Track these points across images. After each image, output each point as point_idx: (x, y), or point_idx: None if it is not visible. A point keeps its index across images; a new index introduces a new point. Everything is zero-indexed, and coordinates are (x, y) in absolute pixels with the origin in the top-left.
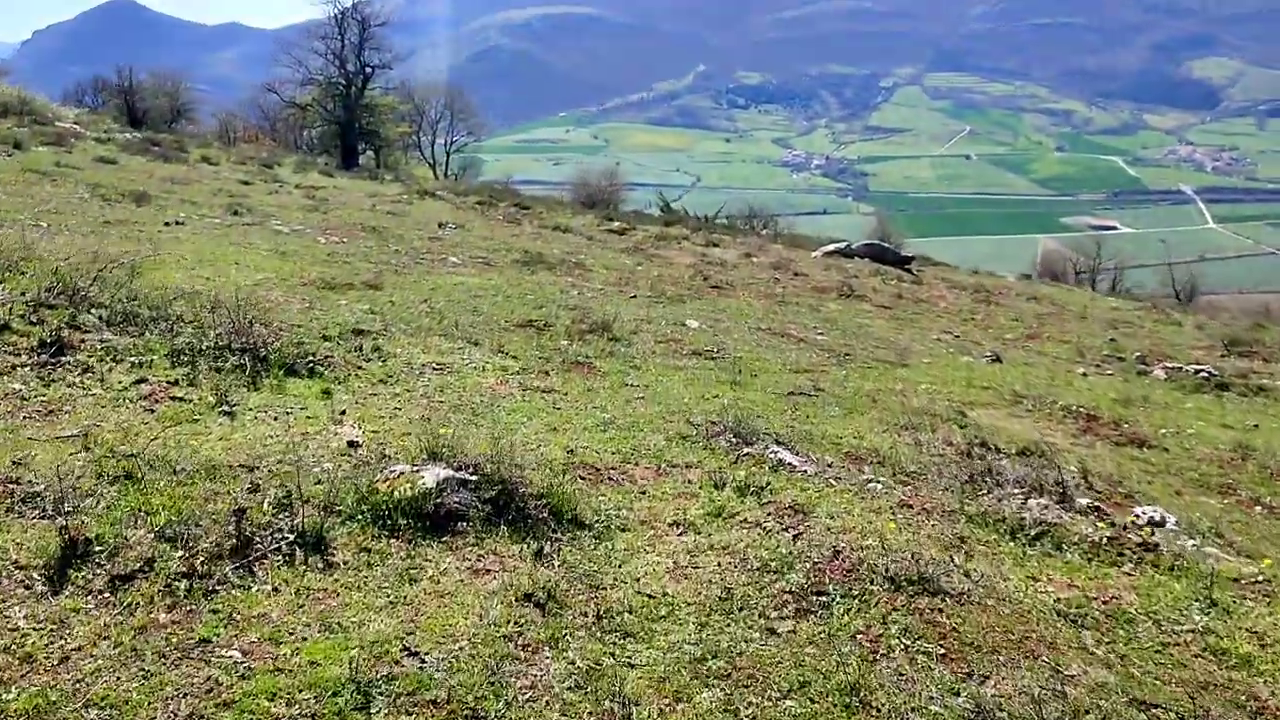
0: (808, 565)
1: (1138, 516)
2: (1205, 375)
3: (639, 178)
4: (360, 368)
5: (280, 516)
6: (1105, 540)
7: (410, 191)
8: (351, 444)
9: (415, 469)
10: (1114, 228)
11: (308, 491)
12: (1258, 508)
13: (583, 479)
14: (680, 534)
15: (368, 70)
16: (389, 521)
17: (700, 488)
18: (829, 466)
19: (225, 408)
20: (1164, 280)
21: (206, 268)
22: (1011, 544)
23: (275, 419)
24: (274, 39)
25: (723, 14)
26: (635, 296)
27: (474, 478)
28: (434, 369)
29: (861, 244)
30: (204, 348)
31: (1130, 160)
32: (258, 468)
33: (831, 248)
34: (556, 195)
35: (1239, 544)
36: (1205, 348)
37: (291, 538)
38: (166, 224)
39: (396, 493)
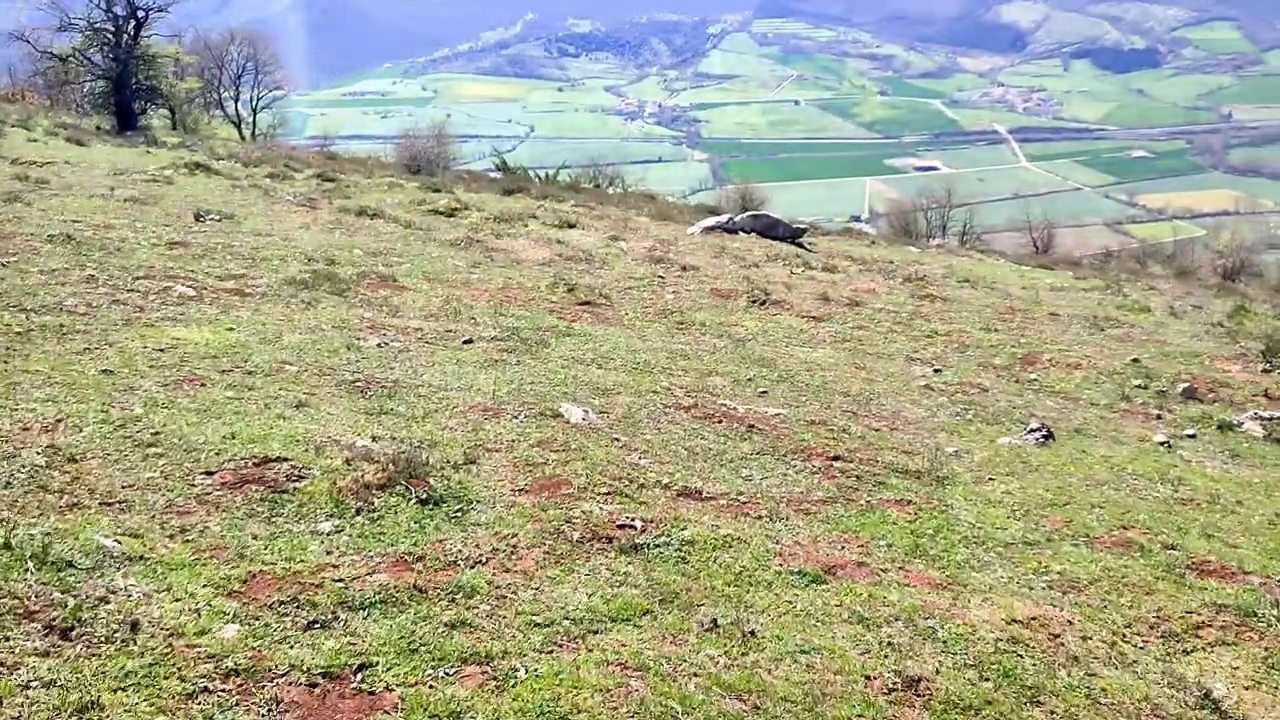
0: None
1: None
2: None
3: (471, 129)
4: None
5: None
6: None
7: (179, 164)
8: None
9: None
10: (936, 168)
11: None
12: None
13: None
14: None
15: (140, 14)
16: None
17: None
18: None
19: None
20: (1004, 220)
21: None
22: None
23: None
24: None
25: None
26: (471, 342)
27: None
28: None
29: (745, 216)
30: None
31: (948, 102)
32: None
33: (711, 222)
34: (380, 154)
35: None
36: (1236, 360)
37: None
38: None
39: None
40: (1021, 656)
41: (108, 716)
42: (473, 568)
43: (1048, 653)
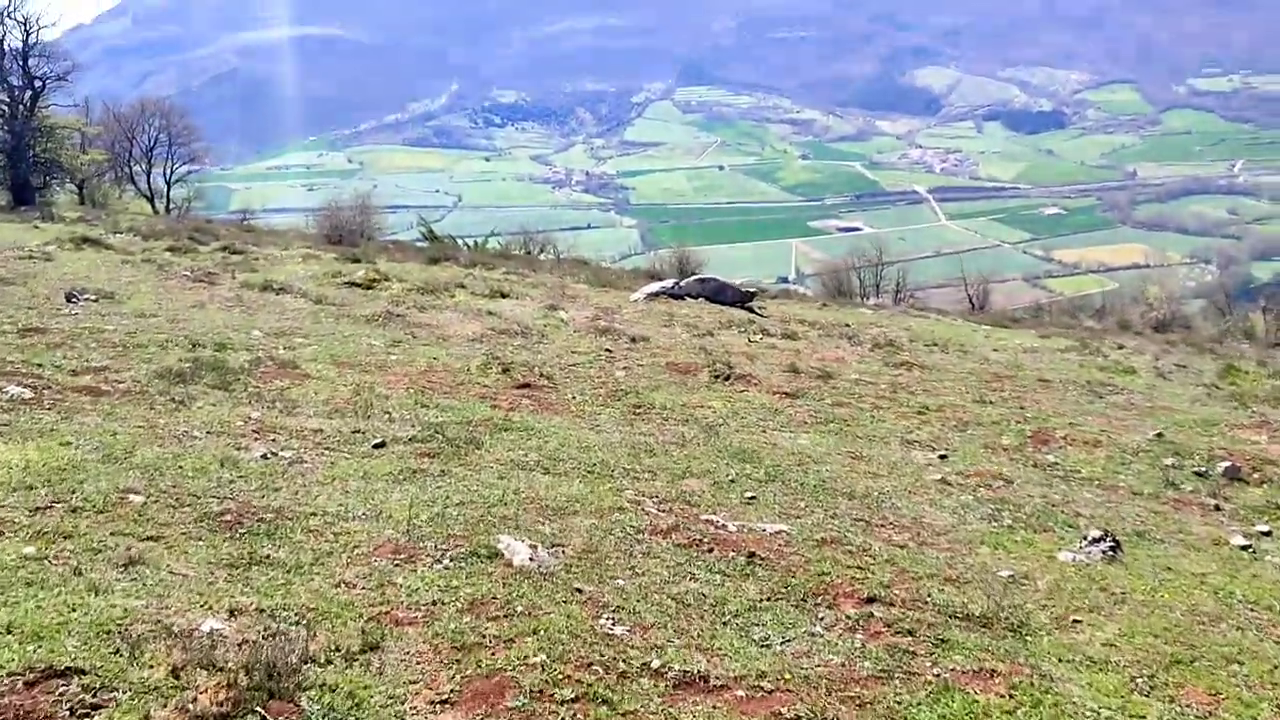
0: None
1: None
2: None
3: (398, 200)
4: None
5: None
6: None
7: (65, 239)
8: None
9: None
10: (859, 229)
11: None
12: None
13: None
14: None
15: (37, 84)
16: None
17: None
18: None
19: None
20: (927, 277)
21: None
22: None
23: None
24: None
25: (470, 31)
26: (384, 446)
27: None
28: None
29: (691, 280)
30: None
31: (868, 164)
32: None
33: (655, 288)
34: (303, 226)
35: None
36: (1259, 429)
37: None
38: None
39: None
40: None
41: None
42: None
43: None
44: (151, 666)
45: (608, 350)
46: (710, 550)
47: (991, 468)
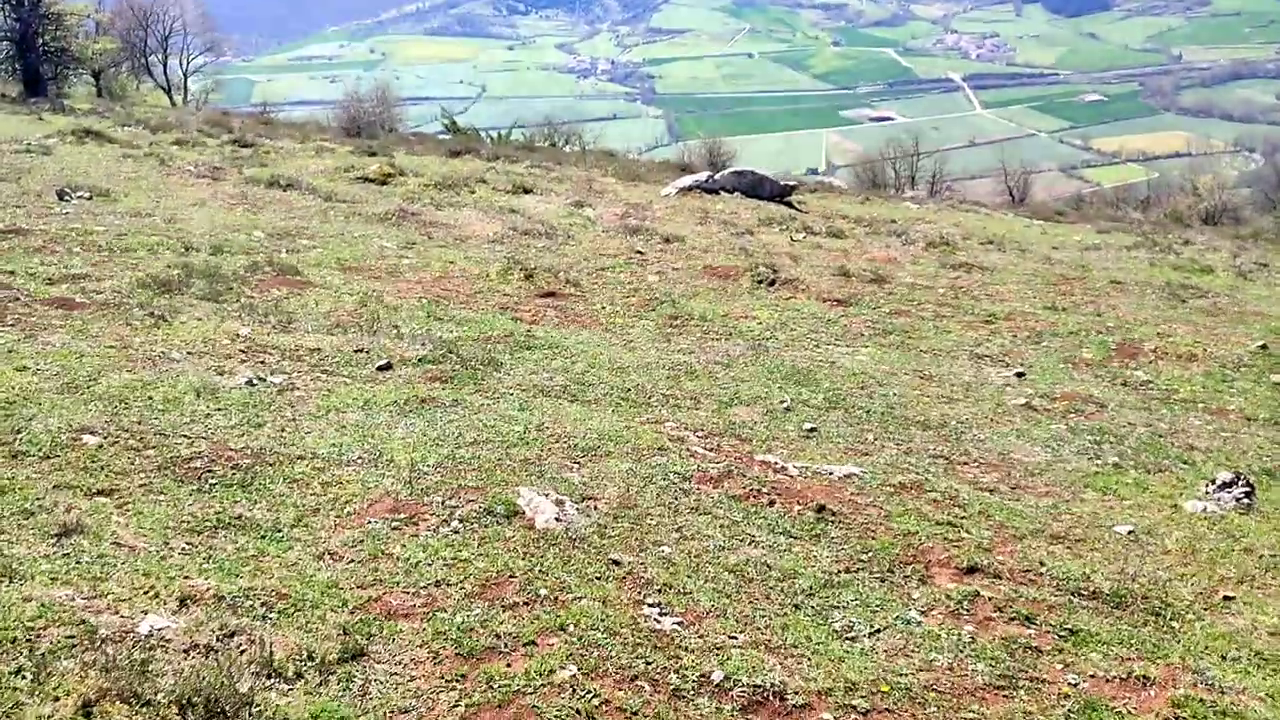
0: None
1: None
2: None
3: (422, 91)
4: None
5: None
6: None
7: (67, 131)
8: None
9: None
10: (891, 118)
11: None
12: None
13: None
14: None
15: None
16: None
17: None
18: None
19: None
20: (960, 168)
21: None
22: None
23: None
24: None
25: None
26: (389, 369)
27: None
28: None
29: (727, 174)
30: None
31: (901, 51)
32: None
33: (688, 181)
34: (324, 119)
35: None
36: None
37: None
38: None
39: None
40: None
41: None
42: None
43: None
44: (57, 699)
45: (639, 252)
46: (771, 503)
47: (1078, 388)
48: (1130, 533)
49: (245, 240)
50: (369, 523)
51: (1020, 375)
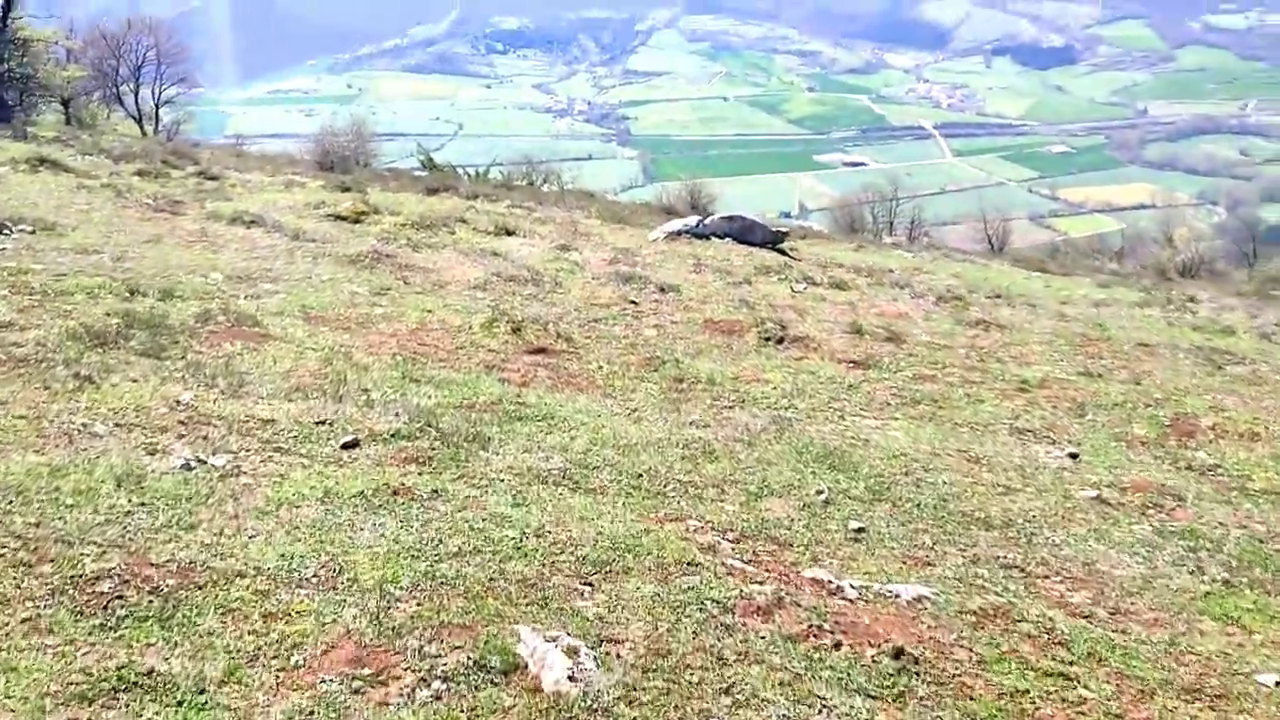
0: None
1: None
2: None
3: (397, 127)
4: None
5: None
6: None
7: (20, 160)
8: None
9: None
10: (864, 164)
11: None
12: None
13: None
14: None
15: None
16: None
17: None
18: None
19: None
20: (933, 215)
21: None
22: None
23: None
24: None
25: None
26: (356, 446)
27: None
28: None
29: (718, 218)
30: None
31: (875, 98)
32: None
33: (676, 226)
34: (297, 152)
35: None
36: None
37: None
38: None
39: None
40: None
41: None
42: None
43: None
44: None
45: (633, 302)
46: (837, 645)
47: (1146, 475)
48: (1278, 683)
49: (200, 283)
50: (322, 681)
51: (1074, 457)
